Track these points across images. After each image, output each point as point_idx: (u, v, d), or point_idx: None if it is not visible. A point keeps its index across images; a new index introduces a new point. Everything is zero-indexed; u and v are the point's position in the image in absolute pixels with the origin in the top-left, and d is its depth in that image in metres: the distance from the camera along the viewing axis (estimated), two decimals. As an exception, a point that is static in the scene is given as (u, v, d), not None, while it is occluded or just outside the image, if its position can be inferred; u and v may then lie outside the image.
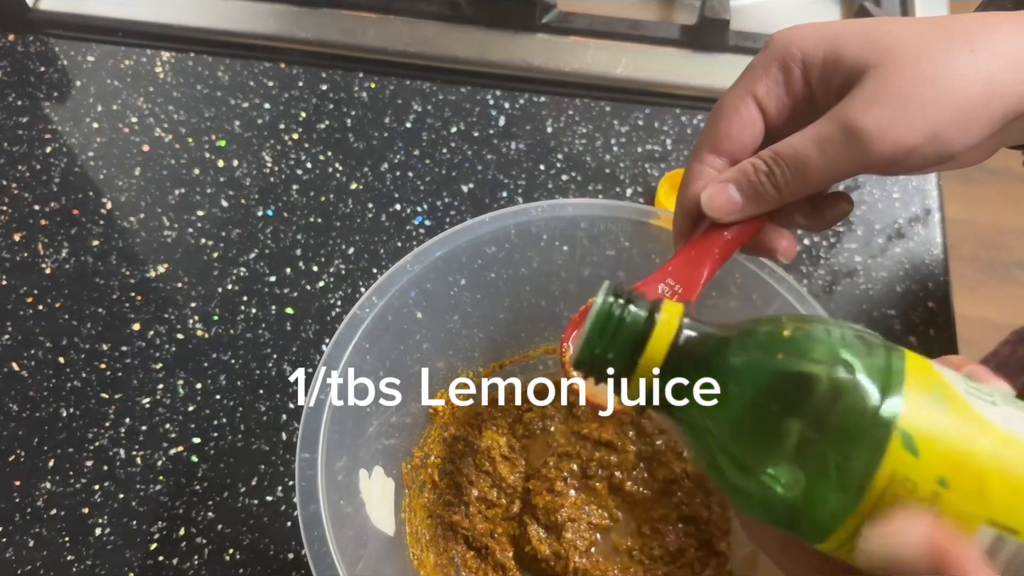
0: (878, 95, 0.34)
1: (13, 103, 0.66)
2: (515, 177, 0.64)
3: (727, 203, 0.37)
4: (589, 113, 0.67)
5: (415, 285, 0.44)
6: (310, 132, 0.65)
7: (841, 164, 0.34)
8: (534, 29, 0.69)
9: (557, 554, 0.47)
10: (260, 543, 0.49)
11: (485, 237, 0.46)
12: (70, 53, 0.69)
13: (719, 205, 0.37)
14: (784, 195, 0.36)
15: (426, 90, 0.68)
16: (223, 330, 0.57)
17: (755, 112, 0.37)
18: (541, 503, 0.48)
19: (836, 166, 0.34)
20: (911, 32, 0.34)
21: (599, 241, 0.47)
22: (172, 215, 0.61)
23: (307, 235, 0.61)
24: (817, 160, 0.35)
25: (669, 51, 0.69)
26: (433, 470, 0.50)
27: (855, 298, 0.58)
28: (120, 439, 0.53)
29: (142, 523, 0.50)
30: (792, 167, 0.35)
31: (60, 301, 0.57)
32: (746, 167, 0.37)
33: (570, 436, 0.52)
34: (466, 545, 0.49)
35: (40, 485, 0.51)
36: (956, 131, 0.33)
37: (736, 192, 0.37)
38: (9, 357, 0.55)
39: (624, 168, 0.64)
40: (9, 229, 0.60)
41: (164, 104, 0.66)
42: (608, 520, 0.49)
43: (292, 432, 0.53)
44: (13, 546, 0.49)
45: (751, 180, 0.37)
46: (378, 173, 0.64)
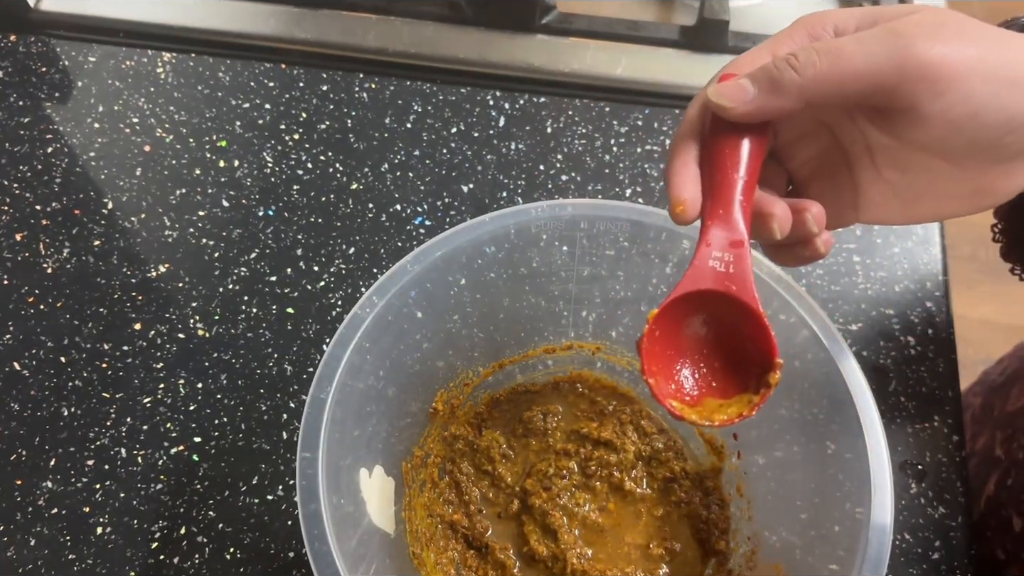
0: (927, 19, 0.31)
1: (15, 103, 0.66)
2: (515, 177, 0.64)
3: (736, 90, 0.33)
4: (589, 113, 0.67)
5: (415, 285, 0.45)
6: (311, 132, 0.66)
7: (879, 56, 0.30)
8: (534, 30, 0.69)
9: (555, 554, 0.47)
10: (261, 542, 0.50)
11: (485, 237, 0.46)
12: (71, 54, 0.69)
13: (727, 92, 0.33)
14: (806, 82, 0.31)
15: (426, 90, 0.68)
16: (224, 330, 0.57)
17: None
18: (539, 503, 0.49)
19: (873, 57, 0.30)
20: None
21: (599, 241, 0.47)
22: (173, 215, 0.61)
23: (308, 235, 0.61)
24: (853, 47, 0.31)
25: (668, 52, 0.69)
26: (433, 469, 0.51)
27: (854, 298, 0.58)
28: (121, 438, 0.53)
29: (143, 522, 0.50)
30: (823, 49, 0.31)
31: (61, 301, 0.58)
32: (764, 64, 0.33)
33: (570, 435, 0.52)
34: (466, 544, 0.49)
35: (41, 484, 0.51)
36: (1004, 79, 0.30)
37: (748, 81, 0.33)
38: (11, 356, 0.55)
39: (624, 168, 0.64)
40: (10, 229, 0.60)
41: (165, 104, 0.67)
42: (607, 519, 0.49)
43: (293, 431, 0.53)
44: (14, 545, 0.49)
45: (766, 67, 0.32)
46: (378, 173, 0.64)
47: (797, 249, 0.36)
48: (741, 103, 0.33)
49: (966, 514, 0.51)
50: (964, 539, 0.50)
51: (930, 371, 0.56)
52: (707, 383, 0.37)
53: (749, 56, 0.35)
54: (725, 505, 0.49)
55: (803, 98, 0.32)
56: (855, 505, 0.39)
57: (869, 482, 0.39)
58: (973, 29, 0.31)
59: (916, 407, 0.55)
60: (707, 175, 0.34)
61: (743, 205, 0.34)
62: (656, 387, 0.36)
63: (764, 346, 0.35)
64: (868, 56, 0.31)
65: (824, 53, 0.31)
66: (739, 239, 0.34)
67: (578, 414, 0.53)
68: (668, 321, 0.36)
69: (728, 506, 0.49)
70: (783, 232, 0.34)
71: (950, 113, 0.31)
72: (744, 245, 0.34)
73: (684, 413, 0.36)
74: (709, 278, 0.34)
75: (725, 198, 0.34)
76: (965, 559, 0.50)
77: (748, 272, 0.34)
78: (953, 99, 0.31)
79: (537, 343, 0.53)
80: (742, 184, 0.34)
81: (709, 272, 0.34)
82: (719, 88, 0.33)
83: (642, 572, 0.48)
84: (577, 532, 0.49)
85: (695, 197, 0.34)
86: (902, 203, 0.36)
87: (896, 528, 0.40)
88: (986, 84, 0.31)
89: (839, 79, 0.31)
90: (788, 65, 0.32)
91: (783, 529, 0.45)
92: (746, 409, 0.35)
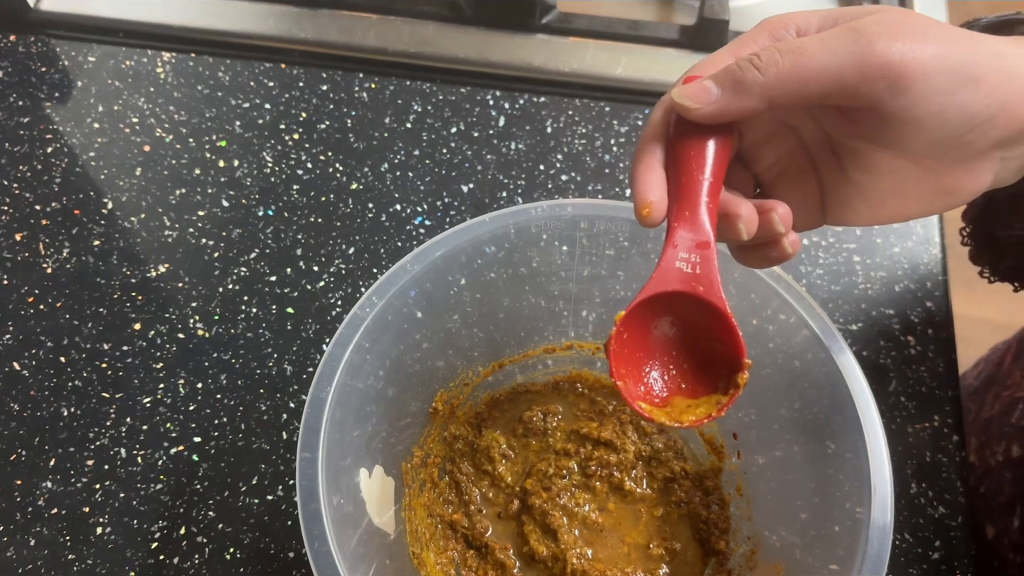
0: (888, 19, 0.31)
1: (14, 103, 0.66)
2: (515, 177, 0.64)
3: (700, 91, 0.33)
4: (589, 113, 0.67)
5: (415, 285, 0.45)
6: (310, 132, 0.65)
7: (840, 54, 0.30)
8: (534, 29, 0.69)
9: (555, 554, 0.47)
10: (261, 542, 0.50)
11: (485, 237, 0.46)
12: (71, 53, 0.69)
13: (691, 93, 0.33)
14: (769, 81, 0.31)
15: (426, 90, 0.68)
16: (224, 330, 0.57)
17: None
18: (539, 503, 0.49)
19: (835, 56, 0.30)
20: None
21: (598, 241, 0.47)
22: (173, 215, 0.61)
23: (307, 235, 0.61)
24: (815, 47, 0.31)
25: (668, 52, 0.69)
26: (433, 469, 0.51)
27: (854, 298, 0.58)
28: (121, 438, 0.53)
29: (143, 522, 0.50)
30: (785, 49, 0.31)
31: (61, 301, 0.58)
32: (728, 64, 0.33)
33: (570, 435, 0.52)
34: (466, 544, 0.49)
35: (41, 484, 0.51)
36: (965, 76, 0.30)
37: (711, 82, 0.33)
38: (10, 356, 0.55)
39: (624, 168, 0.64)
40: (10, 229, 0.60)
41: (165, 104, 0.67)
42: (607, 519, 0.49)
43: (293, 431, 0.53)
44: (14, 545, 0.49)
45: (729, 68, 0.32)
46: (378, 173, 0.64)
47: (764, 250, 0.36)
48: (705, 104, 0.33)
49: (966, 514, 0.51)
50: (964, 539, 0.50)
51: (930, 371, 0.56)
52: (676, 384, 0.37)
53: (713, 58, 0.35)
54: (725, 505, 0.49)
55: (766, 98, 0.32)
56: (855, 505, 0.39)
57: (869, 482, 0.39)
58: (934, 28, 0.31)
59: (916, 407, 0.55)
60: (673, 177, 0.34)
61: (709, 206, 0.34)
62: (624, 389, 0.36)
63: (732, 347, 0.35)
64: (830, 55, 0.31)
65: (786, 53, 0.31)
66: (705, 240, 0.34)
67: (578, 414, 0.53)
68: (636, 323, 0.36)
69: (728, 506, 0.49)
70: (749, 232, 0.34)
71: (911, 111, 0.31)
72: (711, 246, 0.34)
73: (653, 415, 0.36)
74: (676, 279, 0.34)
75: (691, 200, 0.34)
76: (965, 559, 0.50)
77: (715, 273, 0.34)
78: (914, 97, 0.31)
79: (537, 343, 0.53)
80: (708, 185, 0.34)
81: (676, 273, 0.34)
82: (683, 90, 0.33)
83: (642, 572, 0.48)
84: (577, 532, 0.49)
85: (661, 199, 0.34)
86: (868, 204, 0.36)
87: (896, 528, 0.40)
88: (947, 81, 0.31)
89: (801, 78, 0.31)
90: (751, 65, 0.32)
91: (783, 529, 0.45)
92: (714, 410, 0.35)
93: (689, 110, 0.33)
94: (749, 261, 0.37)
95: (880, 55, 0.30)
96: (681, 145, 0.34)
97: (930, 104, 0.31)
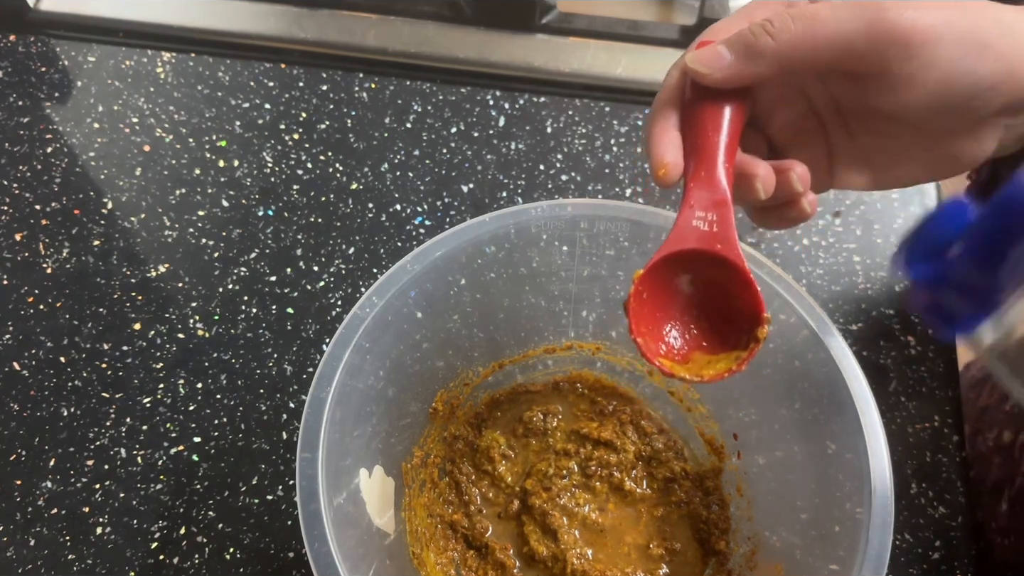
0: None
1: (14, 103, 0.66)
2: (515, 177, 0.64)
3: (713, 56, 0.33)
4: (589, 113, 0.67)
5: (415, 285, 0.45)
6: (310, 132, 0.65)
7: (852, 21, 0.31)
8: (534, 30, 0.69)
9: (555, 554, 0.47)
10: (261, 542, 0.50)
11: (485, 237, 0.46)
12: (71, 53, 0.69)
13: (704, 58, 0.33)
14: (781, 47, 0.32)
15: (426, 90, 0.68)
16: (224, 330, 0.57)
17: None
18: (539, 503, 0.49)
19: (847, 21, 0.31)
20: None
21: (599, 241, 0.47)
22: (173, 215, 0.61)
23: (307, 235, 0.61)
24: (826, 12, 0.31)
25: (668, 52, 0.69)
26: (433, 469, 0.51)
27: (854, 298, 0.58)
28: (121, 438, 0.53)
29: (143, 522, 0.50)
30: (797, 15, 0.32)
31: (61, 301, 0.58)
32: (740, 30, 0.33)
33: (570, 435, 0.52)
34: (466, 544, 0.49)
35: (41, 484, 0.51)
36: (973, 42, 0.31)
37: (724, 47, 0.33)
38: (10, 357, 0.55)
39: (624, 168, 0.64)
40: (10, 229, 0.60)
41: (165, 104, 0.67)
42: (607, 519, 0.49)
43: (292, 431, 0.53)
44: (14, 545, 0.49)
45: (741, 33, 0.33)
46: (378, 173, 0.64)
47: (783, 210, 0.36)
48: (718, 69, 0.33)
49: (966, 514, 0.51)
50: (964, 539, 0.50)
51: (930, 371, 0.56)
52: (696, 342, 0.37)
53: (726, 23, 0.35)
54: (725, 505, 0.49)
55: (778, 63, 0.32)
56: (855, 505, 0.39)
57: (869, 482, 0.39)
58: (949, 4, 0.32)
59: (916, 407, 0.55)
60: (688, 140, 0.35)
61: (725, 166, 0.34)
62: (644, 346, 0.36)
63: (751, 302, 0.35)
64: (841, 21, 0.31)
65: (799, 19, 0.32)
66: (722, 198, 0.34)
67: (578, 414, 0.53)
68: (655, 282, 0.36)
69: (728, 506, 0.49)
70: (767, 192, 0.35)
71: (919, 76, 0.32)
72: (727, 204, 0.34)
73: (674, 370, 0.36)
74: (693, 238, 0.35)
75: (707, 160, 0.34)
76: (965, 559, 0.50)
77: (732, 230, 0.34)
78: (922, 62, 0.31)
79: (537, 343, 0.53)
80: (724, 146, 0.34)
81: (693, 232, 0.35)
82: (696, 55, 0.34)
83: (642, 572, 0.48)
84: (577, 532, 0.49)
85: (676, 160, 0.34)
86: (874, 169, 0.37)
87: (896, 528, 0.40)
88: (955, 47, 0.31)
89: (813, 44, 0.32)
90: (764, 31, 0.32)
91: (783, 529, 0.45)
92: (734, 364, 0.35)
93: (703, 75, 0.33)
94: (768, 222, 0.37)
95: (890, 21, 0.31)
96: (696, 108, 0.35)
97: (938, 69, 0.31)
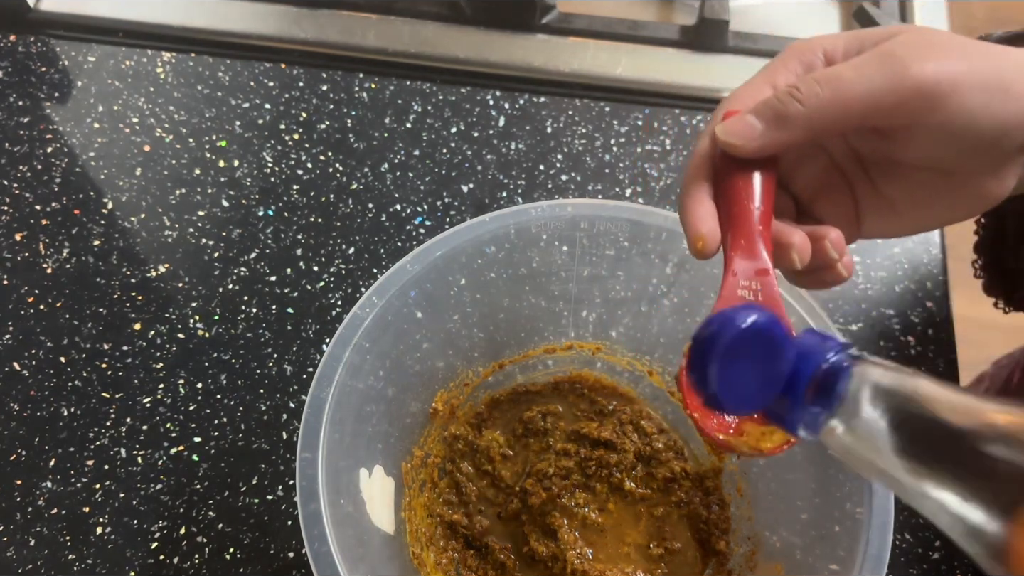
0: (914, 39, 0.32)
1: (14, 103, 0.66)
2: (515, 177, 0.64)
3: (744, 127, 0.34)
4: (589, 113, 0.67)
5: (415, 285, 0.45)
6: (310, 132, 0.65)
7: (877, 79, 0.31)
8: (534, 29, 0.69)
9: (555, 554, 0.47)
10: (261, 542, 0.50)
11: (485, 237, 0.46)
12: (71, 53, 0.69)
13: (735, 129, 0.34)
14: (811, 113, 0.32)
15: (426, 90, 0.68)
16: (224, 330, 0.57)
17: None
18: (539, 503, 0.49)
19: (872, 81, 0.32)
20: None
21: (599, 241, 0.47)
22: (173, 215, 0.61)
23: (307, 235, 0.61)
24: (851, 74, 0.32)
25: (668, 52, 0.69)
26: (433, 469, 0.51)
27: (854, 298, 0.58)
28: (121, 438, 0.53)
29: (143, 522, 0.50)
30: (823, 79, 0.32)
31: (61, 301, 0.58)
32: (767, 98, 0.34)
33: (570, 435, 0.52)
34: (466, 544, 0.49)
35: (41, 484, 0.51)
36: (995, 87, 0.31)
37: (754, 117, 0.34)
38: (10, 357, 0.55)
39: (624, 168, 0.64)
40: (10, 229, 0.60)
41: (165, 104, 0.67)
42: (607, 519, 0.49)
43: (292, 431, 0.53)
44: (14, 545, 0.49)
45: (769, 102, 0.33)
46: (378, 173, 0.64)
47: (819, 274, 0.37)
48: (750, 139, 0.33)
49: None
50: (964, 539, 0.50)
51: (930, 371, 0.56)
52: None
53: (748, 89, 0.35)
54: (725, 505, 0.49)
55: (809, 128, 0.33)
56: (855, 505, 0.39)
57: (869, 482, 0.39)
58: (959, 44, 0.33)
59: (916, 407, 0.54)
60: (723, 208, 0.35)
61: (763, 234, 0.34)
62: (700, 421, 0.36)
63: None
64: (867, 81, 0.32)
65: (825, 83, 0.32)
66: (764, 267, 0.34)
67: (578, 414, 0.53)
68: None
69: (728, 506, 0.49)
70: (803, 261, 0.35)
71: (947, 126, 0.32)
72: (770, 273, 0.34)
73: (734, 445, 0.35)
74: None
75: (746, 229, 0.34)
76: (965, 559, 0.50)
77: (778, 299, 0.34)
78: (949, 112, 0.32)
79: (537, 343, 0.53)
80: (759, 213, 0.34)
81: (739, 302, 0.35)
82: (727, 127, 0.34)
83: (642, 572, 0.48)
84: (577, 532, 0.49)
85: (713, 230, 0.34)
86: (900, 215, 0.37)
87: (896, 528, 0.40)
88: (978, 95, 0.32)
89: (843, 106, 0.32)
90: (792, 97, 0.33)
91: (783, 529, 0.45)
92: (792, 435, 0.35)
93: (735, 147, 0.34)
94: (805, 284, 0.38)
95: (914, 76, 0.31)
96: (729, 176, 0.35)
97: (964, 117, 0.32)
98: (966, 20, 1.73)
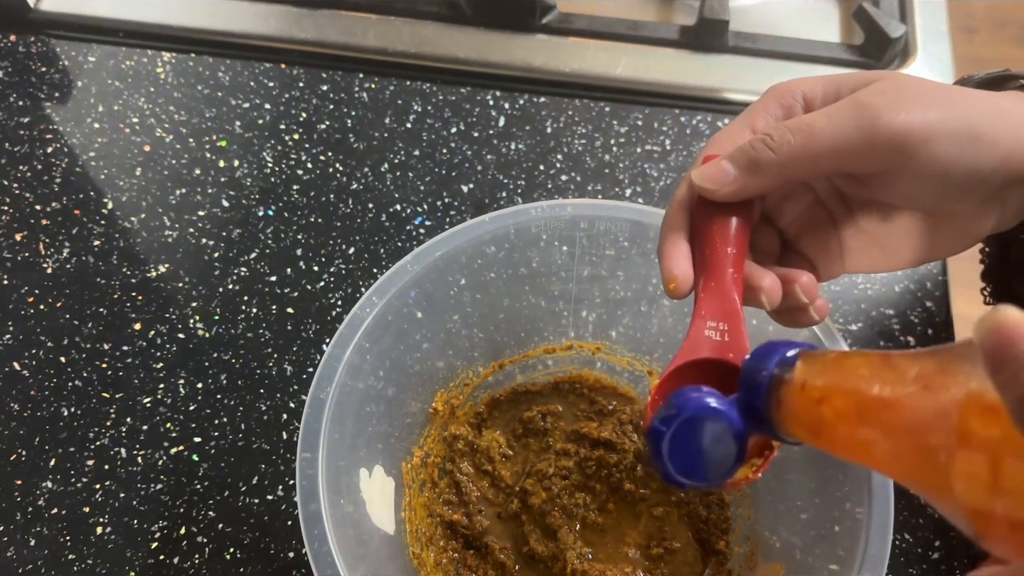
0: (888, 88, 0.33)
1: (14, 103, 0.66)
2: (515, 177, 0.64)
3: (718, 173, 0.34)
4: (589, 113, 0.67)
5: (415, 285, 0.45)
6: (310, 132, 0.66)
7: (848, 130, 0.32)
8: (534, 30, 0.69)
9: (555, 554, 0.47)
10: (261, 542, 0.50)
11: (485, 237, 0.46)
12: (71, 53, 0.69)
13: (710, 174, 0.35)
14: (783, 160, 0.33)
15: (426, 90, 0.68)
16: (224, 330, 0.57)
17: None
18: (539, 503, 0.49)
19: (843, 131, 0.32)
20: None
21: (598, 241, 0.47)
22: (173, 215, 0.61)
23: (307, 235, 0.61)
24: (823, 123, 0.33)
25: (668, 52, 0.69)
26: (433, 469, 0.51)
27: (853, 298, 0.58)
28: (121, 438, 0.53)
29: (143, 522, 0.50)
30: (795, 127, 0.33)
31: (61, 301, 0.58)
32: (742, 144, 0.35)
33: (570, 435, 0.52)
34: (466, 544, 0.49)
35: (41, 484, 0.51)
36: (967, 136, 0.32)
37: (728, 163, 0.34)
38: (10, 357, 0.55)
39: (623, 168, 0.64)
40: (10, 229, 0.60)
41: (165, 104, 0.67)
42: (607, 519, 0.49)
43: (293, 431, 0.53)
44: (14, 545, 0.49)
45: (743, 148, 0.34)
46: (378, 173, 0.64)
47: (793, 315, 0.37)
48: (723, 184, 0.34)
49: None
50: (964, 539, 0.50)
51: (930, 371, 0.56)
52: None
53: (728, 133, 0.36)
54: (725, 505, 0.49)
55: (781, 175, 0.34)
56: (855, 505, 0.39)
57: (869, 482, 0.39)
58: (932, 91, 0.33)
59: (916, 407, 0.54)
60: (698, 251, 0.36)
61: (734, 276, 0.35)
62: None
63: None
64: (838, 130, 0.32)
65: (797, 132, 0.33)
66: (732, 308, 0.35)
67: (578, 414, 0.53)
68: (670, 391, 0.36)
69: (728, 506, 0.49)
70: (772, 304, 0.36)
71: (920, 174, 0.33)
72: (738, 314, 0.35)
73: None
74: (706, 347, 0.35)
75: (717, 271, 0.35)
76: (965, 559, 0.50)
77: (744, 339, 0.35)
78: (921, 161, 0.32)
79: (537, 343, 0.53)
80: (732, 256, 0.35)
81: (705, 342, 0.36)
82: (702, 172, 0.35)
83: (642, 572, 0.48)
84: (577, 532, 0.49)
85: (686, 272, 0.35)
86: (883, 253, 0.38)
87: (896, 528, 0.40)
88: (951, 144, 0.32)
89: (813, 155, 0.33)
90: (764, 145, 0.33)
91: (783, 529, 0.45)
92: (750, 472, 0.35)
93: (709, 191, 0.35)
94: (780, 322, 0.38)
95: (886, 126, 0.32)
96: (704, 220, 0.36)
97: (937, 165, 0.32)
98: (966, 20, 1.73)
